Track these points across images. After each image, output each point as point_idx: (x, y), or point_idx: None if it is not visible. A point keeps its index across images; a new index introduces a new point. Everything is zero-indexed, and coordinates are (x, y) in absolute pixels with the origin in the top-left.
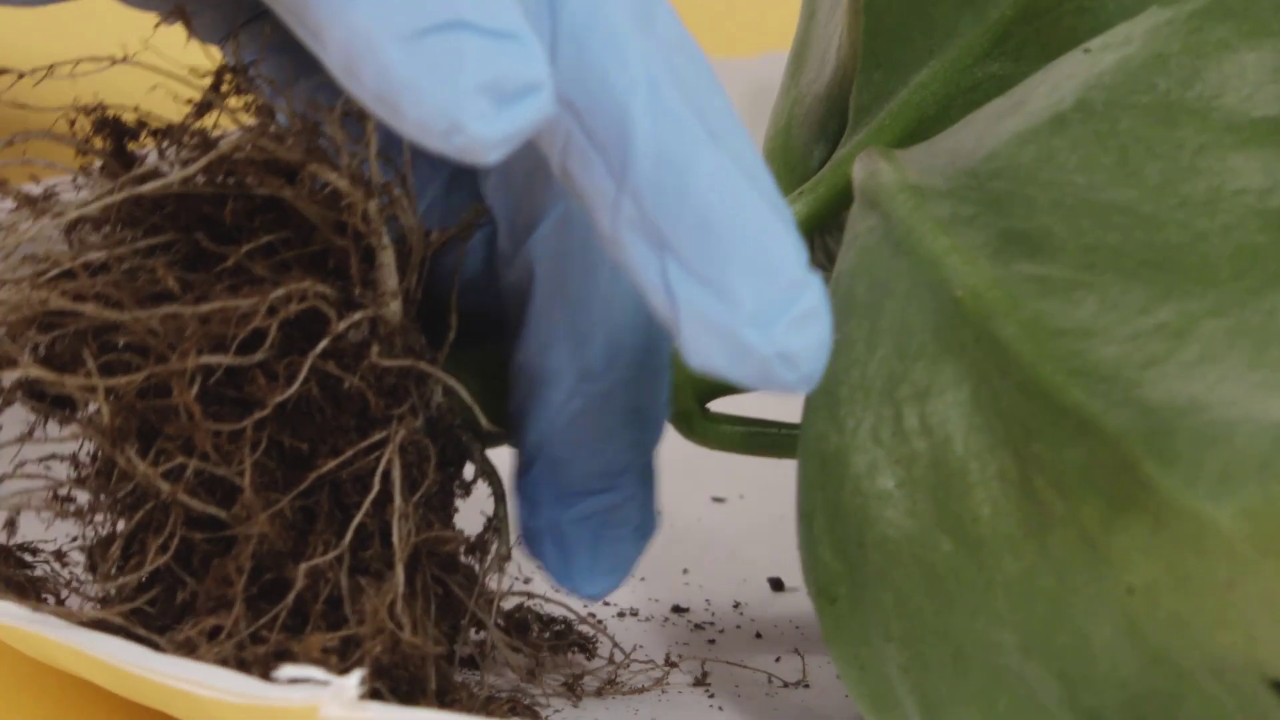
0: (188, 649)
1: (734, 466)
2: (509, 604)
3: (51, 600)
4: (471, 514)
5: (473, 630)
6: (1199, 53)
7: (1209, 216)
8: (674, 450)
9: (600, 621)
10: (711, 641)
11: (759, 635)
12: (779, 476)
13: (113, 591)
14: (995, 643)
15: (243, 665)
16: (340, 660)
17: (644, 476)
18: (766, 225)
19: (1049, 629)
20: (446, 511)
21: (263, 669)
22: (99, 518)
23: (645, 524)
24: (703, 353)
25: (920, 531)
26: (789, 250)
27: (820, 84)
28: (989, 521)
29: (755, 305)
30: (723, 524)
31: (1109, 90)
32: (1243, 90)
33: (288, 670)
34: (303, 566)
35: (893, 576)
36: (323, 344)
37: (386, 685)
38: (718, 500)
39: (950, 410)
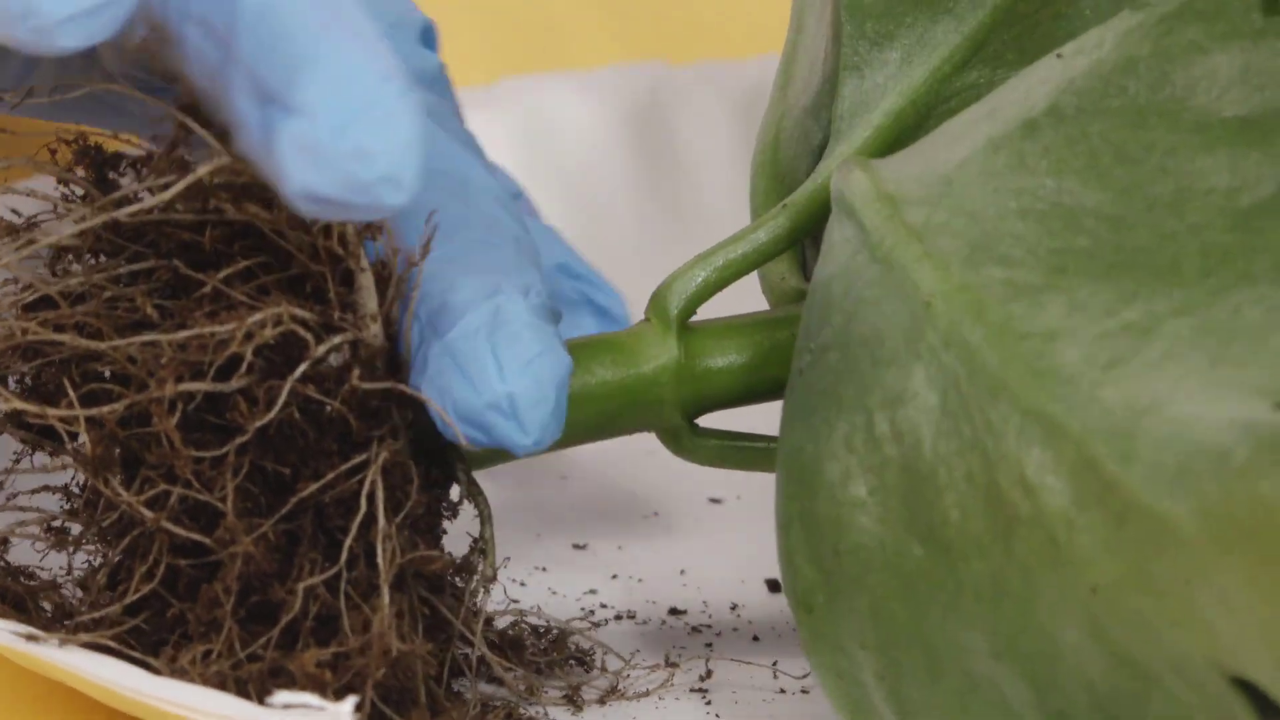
0: (182, 671)
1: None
2: (502, 622)
3: (49, 609)
4: (459, 535)
5: (467, 649)
6: (1169, 55)
7: (1177, 217)
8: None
9: (599, 623)
10: (709, 645)
11: (756, 638)
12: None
13: (99, 619)
14: (966, 646)
15: (238, 684)
16: (334, 676)
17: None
18: (348, 41)
19: (1017, 631)
20: (433, 533)
21: (258, 686)
22: (90, 547)
23: (539, 322)
24: (294, 175)
25: (892, 538)
26: (371, 62)
27: (807, 96)
28: (958, 525)
29: (335, 115)
30: (720, 525)
31: (1080, 95)
32: (1212, 91)
33: (282, 696)
34: (300, 586)
35: (867, 583)
36: (301, 368)
37: (378, 697)
38: (715, 501)
39: (920, 416)
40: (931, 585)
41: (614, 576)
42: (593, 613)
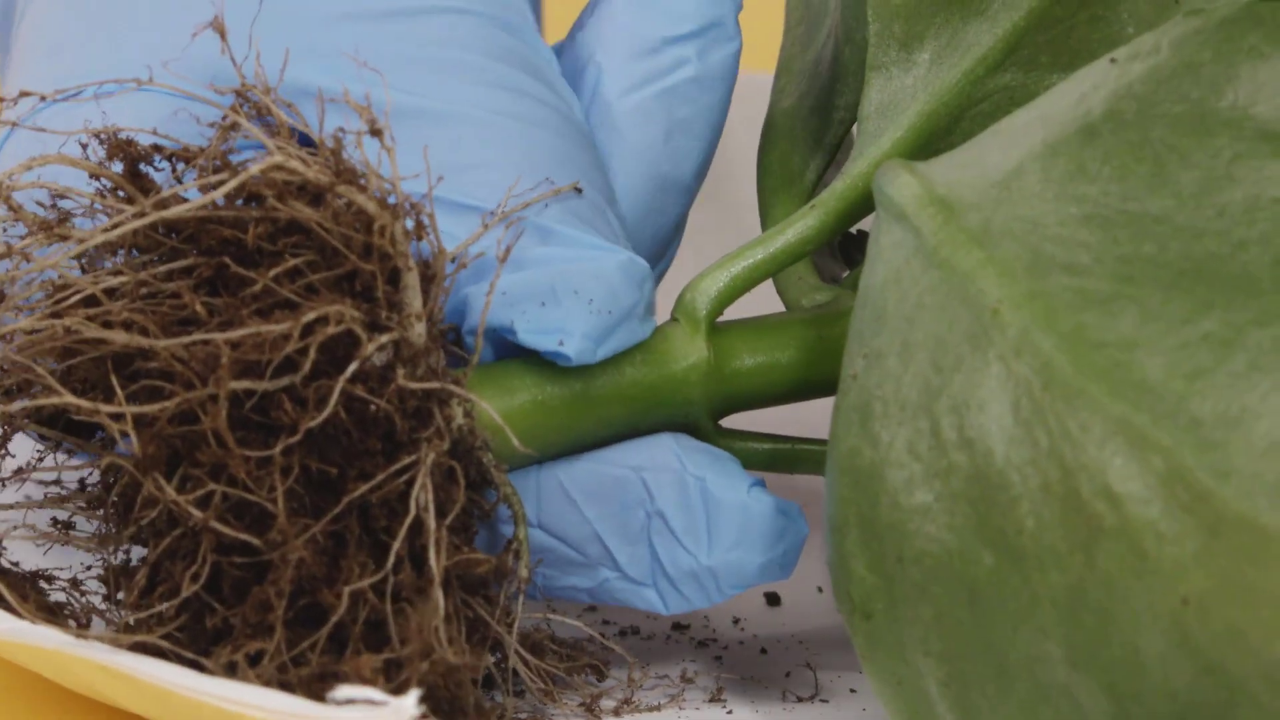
0: (231, 672)
1: None
2: (525, 626)
3: (73, 623)
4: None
5: (491, 652)
6: (1230, 61)
7: (1248, 225)
8: None
9: (605, 638)
10: (718, 658)
11: (764, 650)
12: None
13: (137, 620)
14: (1040, 656)
15: (286, 688)
16: (387, 681)
17: None
18: None
19: (1097, 641)
20: (468, 534)
21: (307, 691)
22: (112, 548)
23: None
24: None
25: (961, 545)
26: None
27: (813, 96)
28: (1033, 534)
29: None
30: None
31: (1140, 100)
32: (1276, 98)
33: (343, 691)
34: (346, 589)
35: (932, 591)
36: (353, 366)
37: (429, 706)
38: None
39: (990, 423)
40: (1002, 594)
41: None
42: (602, 633)
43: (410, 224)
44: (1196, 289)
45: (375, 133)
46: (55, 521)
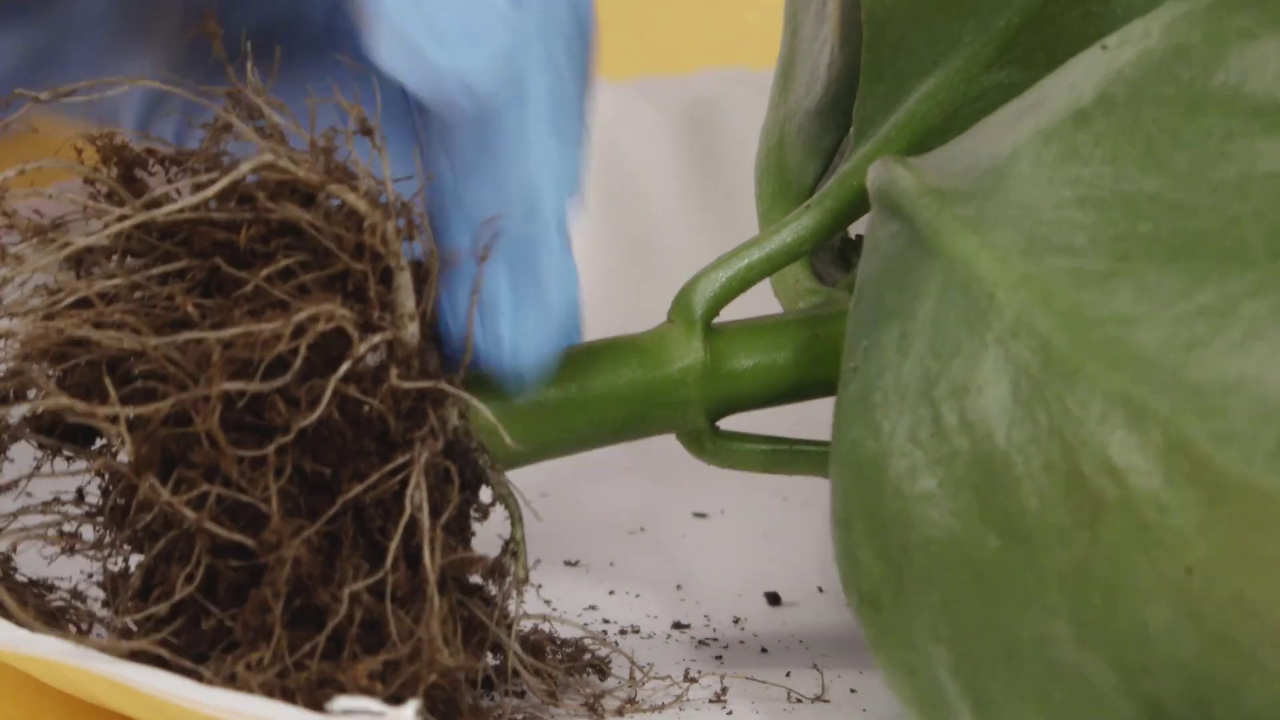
0: (231, 679)
1: (711, 483)
2: (524, 626)
3: (74, 629)
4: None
5: (490, 653)
6: (1220, 42)
7: (1240, 200)
8: (653, 466)
9: (609, 638)
10: (718, 658)
11: (764, 650)
12: (756, 492)
13: (134, 624)
14: (1048, 636)
15: (286, 694)
16: (384, 685)
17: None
18: None
19: (1104, 618)
20: (464, 535)
21: (307, 697)
22: (110, 552)
23: (565, 271)
24: (389, 56)
25: (965, 530)
26: None
27: (811, 99)
28: (1037, 514)
29: (445, 23)
30: (708, 539)
31: (1130, 84)
32: (1266, 77)
33: (341, 702)
34: (346, 590)
35: (939, 577)
36: (345, 366)
37: (425, 707)
38: (699, 516)
39: (990, 406)
40: (1009, 576)
41: (611, 592)
42: (603, 631)
43: (402, 223)
44: (1192, 264)
45: (366, 132)
46: (61, 533)
